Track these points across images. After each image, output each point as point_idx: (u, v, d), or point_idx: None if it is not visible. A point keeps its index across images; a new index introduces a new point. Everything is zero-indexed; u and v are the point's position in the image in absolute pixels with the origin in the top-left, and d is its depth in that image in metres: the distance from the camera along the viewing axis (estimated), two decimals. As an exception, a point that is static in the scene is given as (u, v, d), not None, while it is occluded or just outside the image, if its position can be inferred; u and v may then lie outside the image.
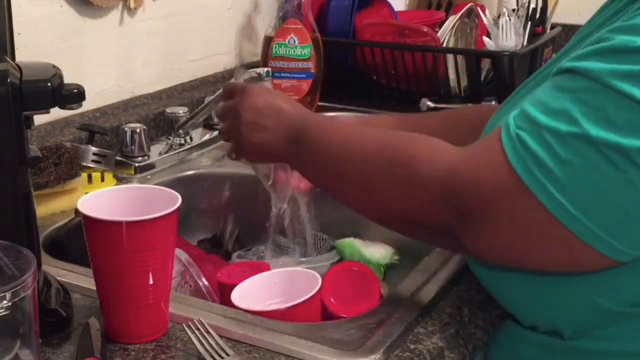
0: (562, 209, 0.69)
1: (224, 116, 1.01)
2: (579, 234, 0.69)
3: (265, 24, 1.74)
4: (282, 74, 1.57)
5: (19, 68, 0.74)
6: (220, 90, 1.25)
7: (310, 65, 1.59)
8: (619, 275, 0.75)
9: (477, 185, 0.73)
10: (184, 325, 0.78)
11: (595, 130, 0.67)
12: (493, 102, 1.56)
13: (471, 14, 1.76)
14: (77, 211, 1.05)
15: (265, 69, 1.19)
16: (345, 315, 0.94)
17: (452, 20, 1.74)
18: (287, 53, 1.57)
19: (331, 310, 0.97)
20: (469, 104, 1.59)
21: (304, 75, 1.58)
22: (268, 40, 1.59)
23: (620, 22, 0.71)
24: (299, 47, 1.57)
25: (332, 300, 0.98)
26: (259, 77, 1.19)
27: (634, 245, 0.71)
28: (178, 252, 1.03)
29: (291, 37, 1.57)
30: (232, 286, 0.95)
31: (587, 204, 0.68)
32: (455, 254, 0.95)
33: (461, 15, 1.74)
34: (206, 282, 1.00)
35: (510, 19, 1.67)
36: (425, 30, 1.68)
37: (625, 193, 0.67)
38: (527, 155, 0.70)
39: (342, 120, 0.86)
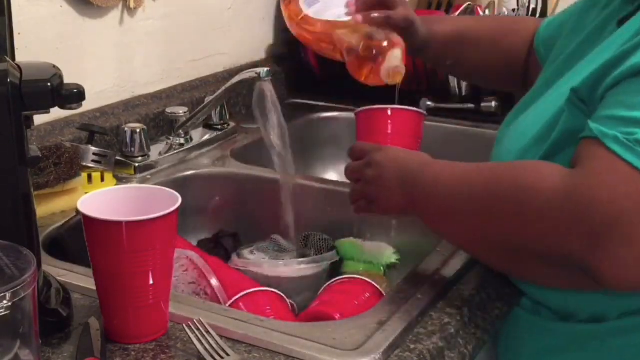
0: None
1: (351, 177, 1.00)
2: None
3: (265, 24, 1.75)
4: None
5: (19, 68, 0.74)
6: (221, 90, 1.26)
7: None
8: None
9: (608, 203, 0.70)
10: (184, 325, 0.78)
11: None
12: (493, 103, 1.56)
13: (467, 12, 1.76)
14: (77, 210, 1.06)
15: (265, 69, 1.19)
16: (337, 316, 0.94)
17: (451, 20, 1.74)
18: None
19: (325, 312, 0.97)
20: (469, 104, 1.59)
21: None
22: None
23: None
24: None
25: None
26: (259, 77, 1.19)
27: None
28: (194, 255, 1.03)
29: None
30: None
31: None
32: (580, 288, 0.85)
33: (459, 15, 1.74)
34: (217, 283, 1.00)
35: (510, 19, 1.67)
36: (425, 30, 1.68)
37: None
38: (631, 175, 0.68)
39: (462, 166, 0.87)
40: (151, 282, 0.76)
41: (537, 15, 1.78)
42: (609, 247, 0.70)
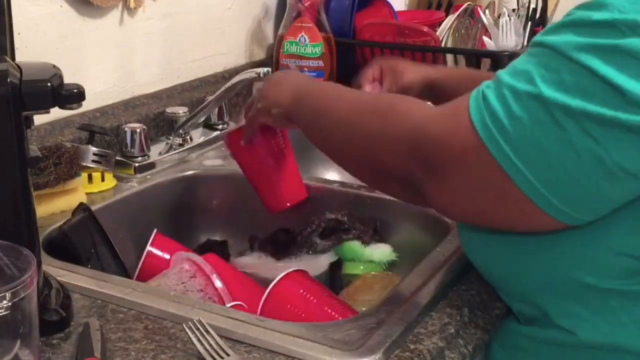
0: (509, 161, 0.72)
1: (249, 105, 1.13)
2: (522, 186, 0.72)
3: (265, 24, 1.75)
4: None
5: (19, 68, 0.74)
6: (222, 90, 1.26)
7: (321, 63, 1.60)
8: (585, 247, 0.77)
9: (442, 140, 0.77)
10: (184, 325, 0.78)
11: (548, 91, 0.70)
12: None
13: (467, 12, 1.76)
14: (74, 211, 1.06)
15: (266, 69, 1.20)
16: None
17: (449, 19, 1.74)
18: (298, 51, 1.59)
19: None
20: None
21: (314, 74, 1.60)
22: (280, 39, 1.60)
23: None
24: (309, 46, 1.58)
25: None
26: (259, 77, 1.19)
27: (574, 207, 0.73)
28: (201, 261, 1.03)
29: (302, 36, 1.59)
30: None
31: (531, 159, 0.71)
32: (418, 205, 0.96)
33: (458, 15, 1.75)
34: (221, 284, 1.00)
35: (510, 19, 1.67)
36: (425, 30, 1.68)
37: (566, 153, 0.70)
38: (486, 110, 0.74)
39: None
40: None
41: (537, 15, 1.78)
42: (433, 177, 0.78)
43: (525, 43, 1.68)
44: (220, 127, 1.46)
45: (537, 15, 1.78)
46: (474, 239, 0.88)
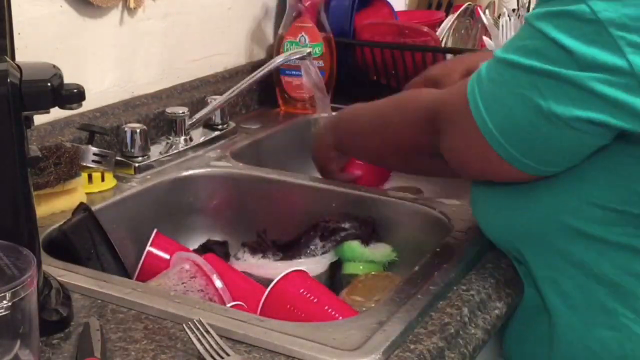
0: (479, 113, 0.85)
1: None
2: (486, 135, 0.85)
3: (265, 24, 1.75)
4: (293, 72, 1.59)
5: (19, 68, 0.74)
6: (230, 90, 1.38)
7: (321, 63, 1.60)
8: (558, 196, 0.87)
9: (448, 104, 0.92)
10: (184, 325, 0.78)
11: (513, 55, 0.83)
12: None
13: (467, 12, 1.76)
14: (74, 211, 1.06)
15: (308, 49, 1.46)
16: None
17: (449, 19, 1.74)
18: None
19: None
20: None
21: None
22: (280, 39, 1.61)
23: None
24: (309, 46, 1.58)
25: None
26: (302, 58, 1.43)
27: (532, 157, 0.84)
28: (202, 261, 1.03)
29: (302, 36, 1.59)
30: None
31: (495, 111, 0.84)
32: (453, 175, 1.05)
33: (458, 15, 1.75)
34: (221, 284, 1.00)
35: (510, 19, 1.67)
36: (425, 30, 1.68)
37: (517, 104, 0.82)
38: (476, 77, 0.87)
39: None
40: None
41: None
42: (444, 137, 0.93)
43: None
44: (220, 127, 1.46)
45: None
46: (474, 193, 0.98)
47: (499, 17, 1.71)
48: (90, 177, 1.17)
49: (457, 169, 0.95)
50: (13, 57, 0.78)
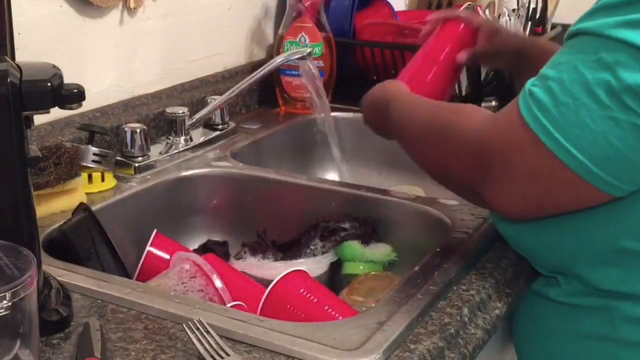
0: (559, 146, 0.77)
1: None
2: (573, 167, 0.77)
3: (265, 24, 1.75)
4: (293, 72, 1.59)
5: (19, 68, 0.74)
6: (230, 90, 1.32)
7: (321, 63, 1.60)
8: (623, 214, 0.82)
9: (496, 143, 0.82)
10: (184, 325, 0.78)
11: (588, 73, 0.75)
12: (493, 102, 1.56)
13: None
14: (74, 211, 1.06)
15: (308, 49, 1.44)
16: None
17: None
18: None
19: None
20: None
21: None
22: (280, 39, 1.61)
23: None
24: (309, 46, 1.58)
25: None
26: (302, 58, 1.41)
27: (622, 179, 0.77)
28: (202, 261, 1.03)
29: (302, 36, 1.59)
30: None
31: (580, 140, 0.76)
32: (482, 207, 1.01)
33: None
34: (221, 284, 1.00)
35: (510, 19, 1.67)
36: (425, 30, 1.68)
37: (610, 130, 0.75)
38: (534, 104, 0.78)
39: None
40: None
41: (537, 15, 1.78)
42: (492, 181, 0.83)
43: (525, 43, 1.68)
44: (220, 127, 1.46)
45: (537, 15, 1.78)
46: (517, 225, 0.91)
47: (499, 17, 1.71)
48: (90, 177, 1.17)
49: (515, 217, 0.88)
50: (13, 57, 0.78)
